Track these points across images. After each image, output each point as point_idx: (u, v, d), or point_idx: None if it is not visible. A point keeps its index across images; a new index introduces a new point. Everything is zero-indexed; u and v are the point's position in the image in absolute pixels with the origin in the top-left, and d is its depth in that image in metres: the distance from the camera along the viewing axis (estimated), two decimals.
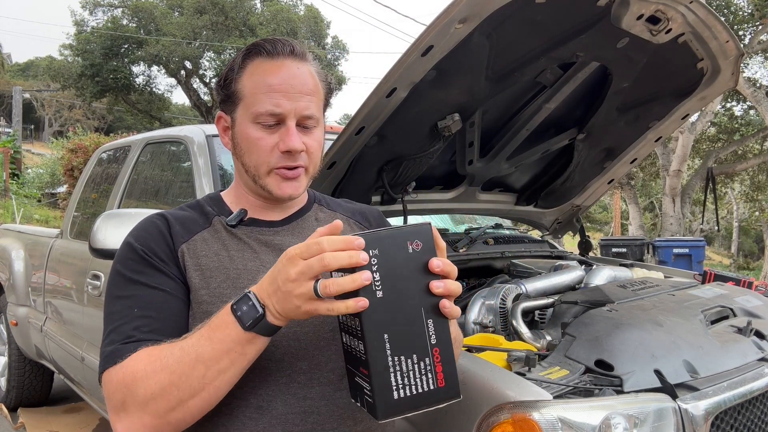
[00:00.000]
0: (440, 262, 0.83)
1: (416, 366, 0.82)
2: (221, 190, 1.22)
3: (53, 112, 36.53)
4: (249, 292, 0.89)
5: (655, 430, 1.28)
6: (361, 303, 0.79)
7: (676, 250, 6.97)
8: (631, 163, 2.76)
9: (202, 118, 23.81)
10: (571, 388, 1.35)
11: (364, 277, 0.79)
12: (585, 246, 2.98)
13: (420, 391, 0.82)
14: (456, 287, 0.85)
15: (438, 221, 3.21)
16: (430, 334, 0.83)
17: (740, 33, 10.72)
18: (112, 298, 1.03)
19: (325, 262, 0.80)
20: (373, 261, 0.80)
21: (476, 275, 2.48)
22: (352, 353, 0.87)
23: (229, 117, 1.12)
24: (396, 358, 0.81)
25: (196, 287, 1.03)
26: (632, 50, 2.02)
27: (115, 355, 0.94)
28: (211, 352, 0.88)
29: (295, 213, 1.18)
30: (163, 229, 1.08)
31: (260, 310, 0.87)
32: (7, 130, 25.33)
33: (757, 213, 20.14)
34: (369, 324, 0.80)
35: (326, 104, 1.14)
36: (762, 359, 1.63)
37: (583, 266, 2.44)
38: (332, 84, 1.15)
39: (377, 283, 0.80)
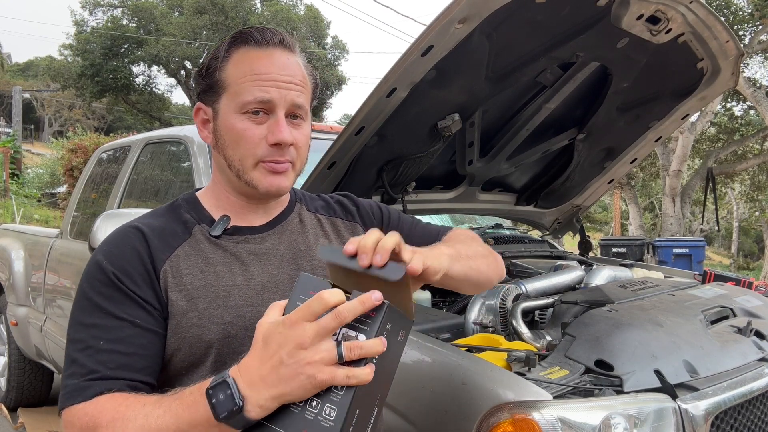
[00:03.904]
0: None
1: None
2: (197, 190, 1.14)
3: (53, 112, 36.52)
4: (228, 378, 0.77)
5: (655, 430, 1.28)
6: (373, 369, 0.74)
7: (676, 250, 6.97)
8: (631, 163, 2.76)
9: None
10: (571, 388, 1.35)
11: (383, 344, 0.74)
12: (585, 246, 2.98)
13: None
14: None
15: (438, 221, 3.21)
16: (370, 422, 0.79)
17: (740, 33, 10.72)
18: (76, 322, 0.95)
19: (342, 316, 0.73)
20: (384, 334, 0.75)
21: None
22: (294, 410, 0.76)
23: (210, 108, 1.04)
24: None
25: (182, 310, 0.96)
26: (632, 50, 2.02)
27: (77, 393, 0.89)
28: None
29: (279, 216, 1.12)
30: (139, 246, 0.98)
31: (238, 402, 0.75)
32: (7, 130, 25.36)
33: (757, 213, 20.16)
34: (360, 394, 0.75)
35: (313, 100, 1.09)
36: (762, 359, 1.63)
37: (583, 266, 2.44)
38: (318, 80, 1.10)
39: (375, 357, 0.76)
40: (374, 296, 0.74)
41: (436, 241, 1.07)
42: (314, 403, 0.75)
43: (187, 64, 22.83)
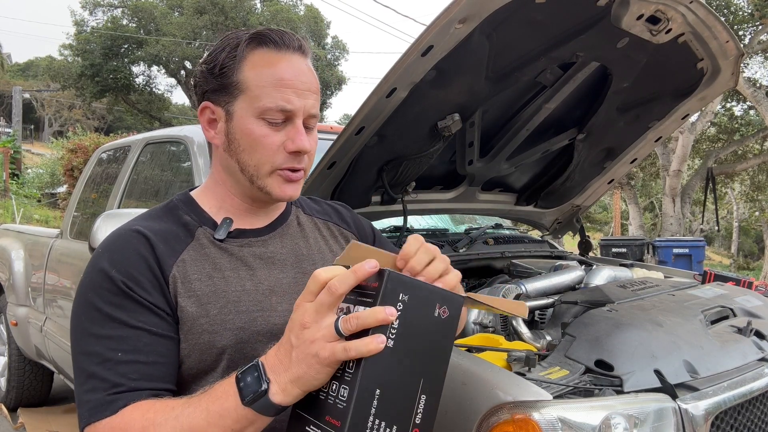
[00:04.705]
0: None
1: None
2: (191, 190, 1.12)
3: (53, 112, 36.53)
4: (258, 362, 0.79)
5: (655, 430, 1.28)
6: (379, 339, 0.70)
7: (676, 250, 6.98)
8: (631, 163, 2.76)
9: None
10: (571, 388, 1.35)
11: (388, 312, 0.70)
12: (585, 246, 2.98)
13: None
14: None
15: (438, 221, 3.21)
16: (419, 411, 0.74)
17: (740, 33, 10.72)
18: (87, 334, 0.91)
19: (334, 288, 0.72)
20: (399, 306, 0.71)
21: (476, 275, 2.48)
22: (321, 397, 0.75)
23: (221, 109, 1.02)
24: (377, 422, 0.71)
25: (193, 316, 0.95)
26: (632, 50, 2.02)
27: (104, 408, 0.86)
28: (206, 427, 0.79)
29: (278, 218, 1.12)
30: (145, 251, 0.95)
31: (264, 384, 0.76)
32: (7, 130, 25.35)
33: (757, 213, 20.17)
34: (369, 370, 0.70)
35: None
36: (762, 359, 1.63)
37: (583, 266, 2.44)
38: (318, 82, 1.11)
39: (393, 330, 0.71)
40: (368, 265, 0.71)
41: None
42: (333, 387, 0.74)
43: (187, 64, 22.84)
